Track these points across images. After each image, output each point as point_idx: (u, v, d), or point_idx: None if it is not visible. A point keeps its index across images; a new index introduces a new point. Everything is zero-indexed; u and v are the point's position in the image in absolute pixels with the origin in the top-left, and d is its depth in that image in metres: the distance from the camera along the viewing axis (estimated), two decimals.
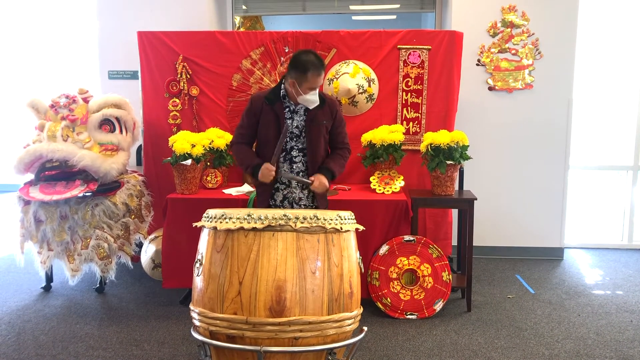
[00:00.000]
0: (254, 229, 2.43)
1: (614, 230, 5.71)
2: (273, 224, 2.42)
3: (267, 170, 3.13)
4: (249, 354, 2.40)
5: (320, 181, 3.17)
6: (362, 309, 2.72)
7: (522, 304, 4.06)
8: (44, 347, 3.37)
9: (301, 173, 3.26)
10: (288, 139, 3.22)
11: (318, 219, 2.46)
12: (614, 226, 5.71)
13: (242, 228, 2.43)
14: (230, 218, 2.48)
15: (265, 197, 3.29)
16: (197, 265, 2.57)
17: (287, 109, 3.20)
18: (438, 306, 3.80)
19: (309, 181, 3.17)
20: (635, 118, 5.46)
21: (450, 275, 3.84)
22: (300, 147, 3.23)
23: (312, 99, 3.11)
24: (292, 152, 3.24)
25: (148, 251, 4.22)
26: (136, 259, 4.34)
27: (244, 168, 3.29)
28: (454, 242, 4.60)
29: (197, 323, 2.54)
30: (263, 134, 3.24)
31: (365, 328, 2.67)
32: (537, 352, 3.30)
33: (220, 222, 2.49)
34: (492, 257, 5.23)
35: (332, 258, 2.48)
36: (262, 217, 2.43)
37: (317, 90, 3.13)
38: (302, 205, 3.29)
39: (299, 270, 2.40)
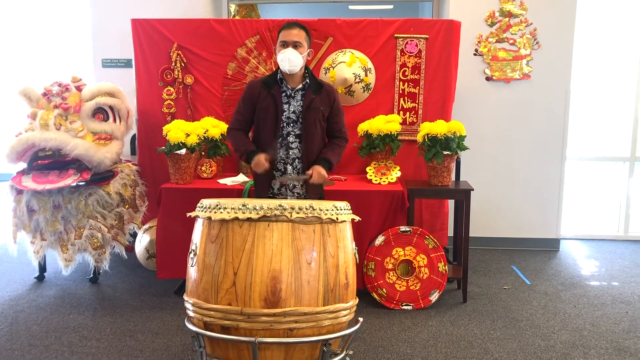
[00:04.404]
0: (248, 219, 2.39)
1: (610, 221, 5.71)
2: (268, 214, 2.39)
3: (261, 164, 3.11)
4: (244, 345, 2.37)
5: (318, 172, 3.14)
6: (357, 299, 2.70)
7: (518, 295, 4.06)
8: (36, 337, 3.34)
9: (297, 159, 3.23)
10: (285, 125, 3.19)
11: (314, 209, 2.44)
12: (610, 217, 5.71)
13: (236, 218, 2.40)
14: (225, 208, 2.44)
15: (263, 185, 3.27)
16: (191, 255, 2.54)
17: (284, 94, 3.18)
18: (434, 297, 3.79)
19: (307, 176, 3.15)
20: (632, 109, 5.45)
21: (446, 266, 3.82)
22: (297, 132, 3.20)
23: (284, 56, 3.06)
24: (288, 138, 3.20)
25: (142, 241, 4.19)
26: (130, 249, 4.31)
27: (239, 154, 3.27)
28: (450, 232, 4.59)
29: (191, 314, 2.52)
30: (261, 119, 3.21)
31: (361, 319, 2.65)
32: (533, 343, 3.29)
33: (215, 212, 2.45)
34: (488, 248, 5.23)
35: (328, 249, 2.46)
36: (257, 208, 2.40)
37: (295, 51, 3.07)
38: (296, 193, 3.27)
39: (294, 261, 2.37)
